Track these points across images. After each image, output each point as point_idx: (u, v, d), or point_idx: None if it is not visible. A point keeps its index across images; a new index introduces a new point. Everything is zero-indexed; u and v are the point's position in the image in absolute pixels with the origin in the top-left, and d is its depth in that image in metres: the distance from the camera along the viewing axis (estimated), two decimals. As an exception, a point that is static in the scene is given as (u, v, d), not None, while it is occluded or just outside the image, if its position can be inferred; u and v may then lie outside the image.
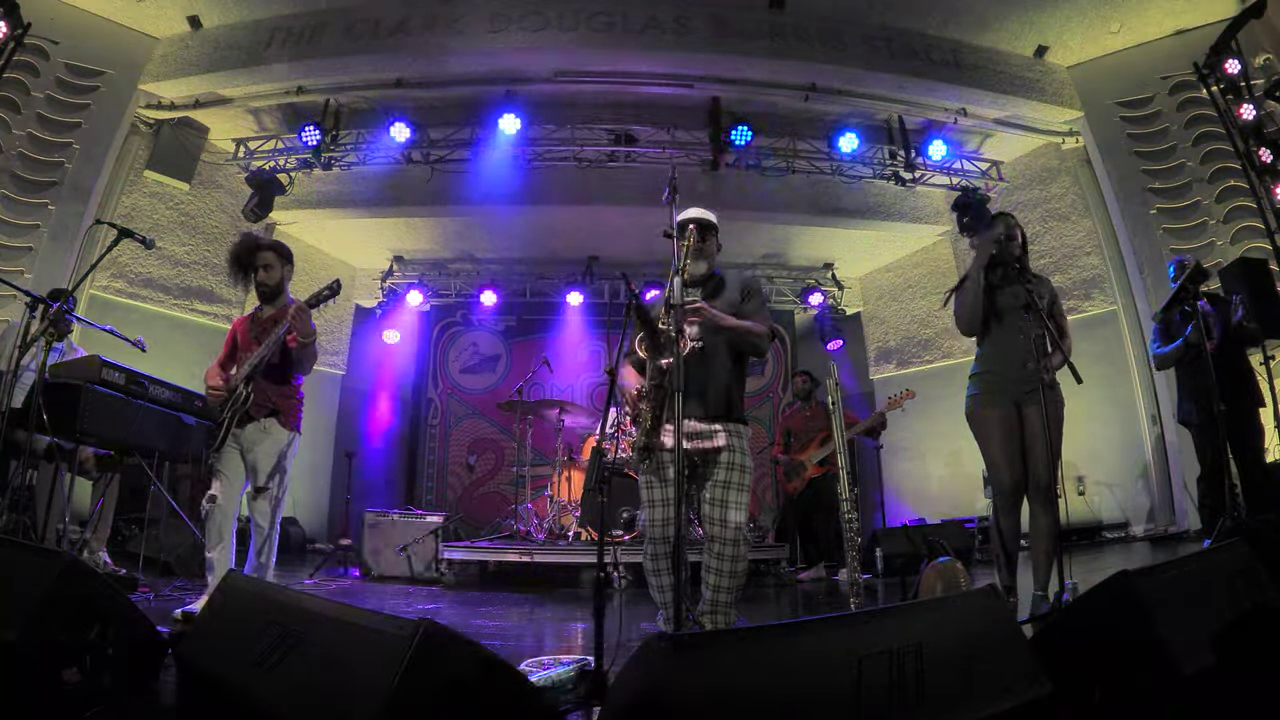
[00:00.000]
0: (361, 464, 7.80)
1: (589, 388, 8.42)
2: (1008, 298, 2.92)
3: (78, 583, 1.71)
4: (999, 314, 2.94)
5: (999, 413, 2.87)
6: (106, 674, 1.66)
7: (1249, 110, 5.01)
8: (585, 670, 1.96)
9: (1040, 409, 2.71)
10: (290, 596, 1.65)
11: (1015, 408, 2.85)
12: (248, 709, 1.41)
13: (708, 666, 1.19)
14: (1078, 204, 6.67)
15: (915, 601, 2.51)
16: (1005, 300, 2.93)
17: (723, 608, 2.46)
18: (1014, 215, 3.13)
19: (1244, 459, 4.00)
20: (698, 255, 2.62)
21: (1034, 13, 5.99)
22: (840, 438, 3.35)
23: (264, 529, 3.06)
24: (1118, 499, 6.19)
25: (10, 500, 3.32)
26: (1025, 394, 2.82)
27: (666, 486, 2.51)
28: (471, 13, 5.97)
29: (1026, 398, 2.82)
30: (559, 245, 7.88)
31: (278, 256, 3.27)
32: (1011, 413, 2.85)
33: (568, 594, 4.77)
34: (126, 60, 5.95)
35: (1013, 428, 2.84)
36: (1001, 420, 2.86)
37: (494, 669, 1.34)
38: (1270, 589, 1.84)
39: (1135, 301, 6.13)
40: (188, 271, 6.61)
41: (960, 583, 2.85)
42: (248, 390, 3.04)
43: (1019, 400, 2.84)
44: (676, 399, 2.04)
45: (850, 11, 6.11)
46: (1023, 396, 2.83)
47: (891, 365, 8.16)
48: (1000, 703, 1.37)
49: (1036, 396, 2.74)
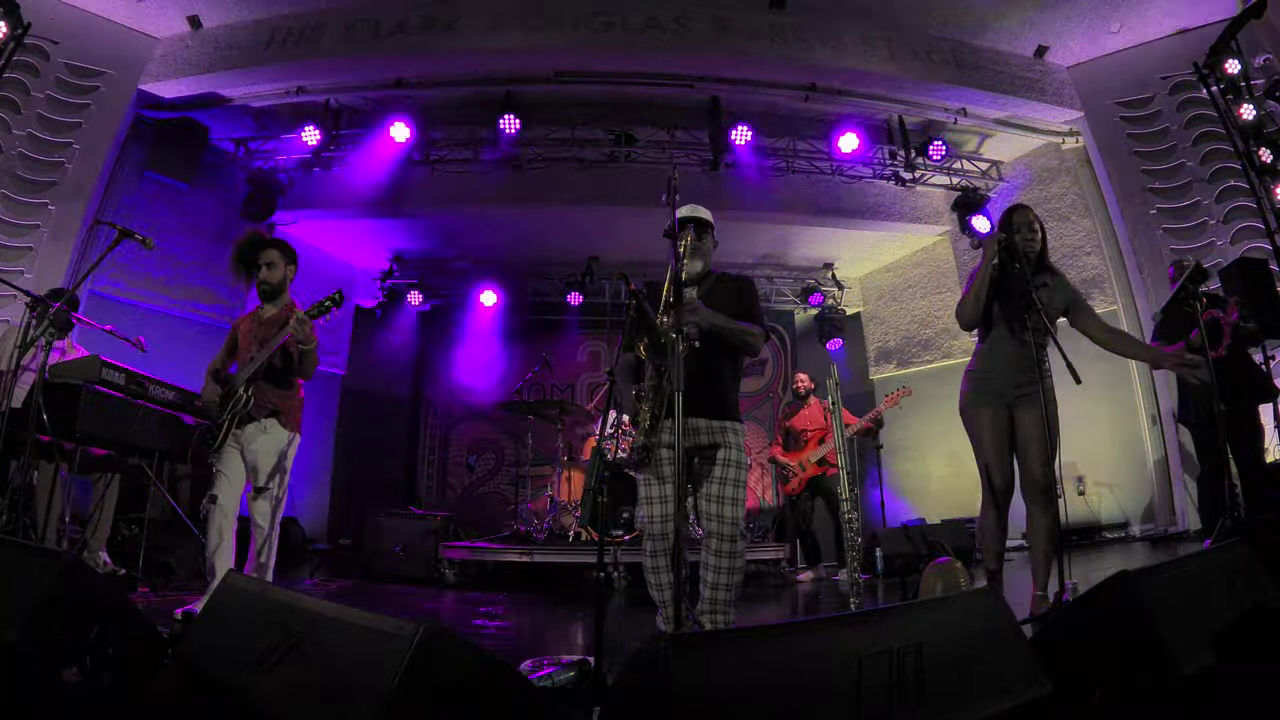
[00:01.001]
0: (361, 464, 7.80)
1: (589, 388, 8.42)
2: (1012, 296, 2.82)
3: (78, 583, 1.71)
4: (1001, 312, 2.86)
5: (990, 412, 2.84)
6: (106, 674, 1.66)
7: (1249, 110, 5.01)
8: (585, 670, 1.96)
9: (1039, 411, 2.67)
10: (290, 596, 1.65)
11: (1007, 409, 2.82)
12: (248, 709, 1.41)
13: (708, 666, 1.19)
14: (1078, 204, 6.67)
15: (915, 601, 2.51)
16: (1009, 298, 2.83)
17: (722, 606, 2.46)
18: (1032, 209, 2.97)
19: (1244, 459, 4.00)
20: (694, 254, 2.63)
21: (1034, 13, 5.98)
22: (840, 437, 3.35)
23: (264, 529, 3.06)
24: (1118, 499, 6.19)
25: (10, 500, 3.32)
26: (1019, 396, 2.79)
27: (664, 485, 2.51)
28: (471, 13, 5.97)
29: (1020, 400, 2.78)
30: (559, 245, 7.88)
31: (281, 255, 3.27)
32: (1003, 413, 2.82)
33: (568, 594, 4.77)
34: (126, 60, 5.95)
35: (1003, 428, 2.82)
36: (992, 420, 2.83)
37: (494, 669, 1.34)
38: (1270, 589, 1.84)
39: (1135, 301, 6.13)
40: (188, 271, 6.61)
41: (960, 583, 2.85)
42: (248, 393, 3.04)
43: (1012, 402, 2.81)
44: (677, 399, 2.04)
45: (850, 11, 6.11)
46: (1016, 399, 2.80)
47: (891, 365, 8.17)
48: (1000, 703, 1.37)
49: (1033, 399, 2.71)
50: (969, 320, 2.91)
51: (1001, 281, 2.83)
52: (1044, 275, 2.91)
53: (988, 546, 2.90)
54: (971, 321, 2.91)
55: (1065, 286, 2.93)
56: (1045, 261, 2.94)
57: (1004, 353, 2.84)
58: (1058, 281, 2.93)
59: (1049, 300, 2.85)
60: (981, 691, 1.38)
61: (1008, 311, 2.84)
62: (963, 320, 2.94)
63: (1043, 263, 2.92)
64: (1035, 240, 2.86)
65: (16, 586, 1.66)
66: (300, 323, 2.96)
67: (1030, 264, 2.82)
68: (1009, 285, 2.81)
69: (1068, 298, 2.90)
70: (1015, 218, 2.88)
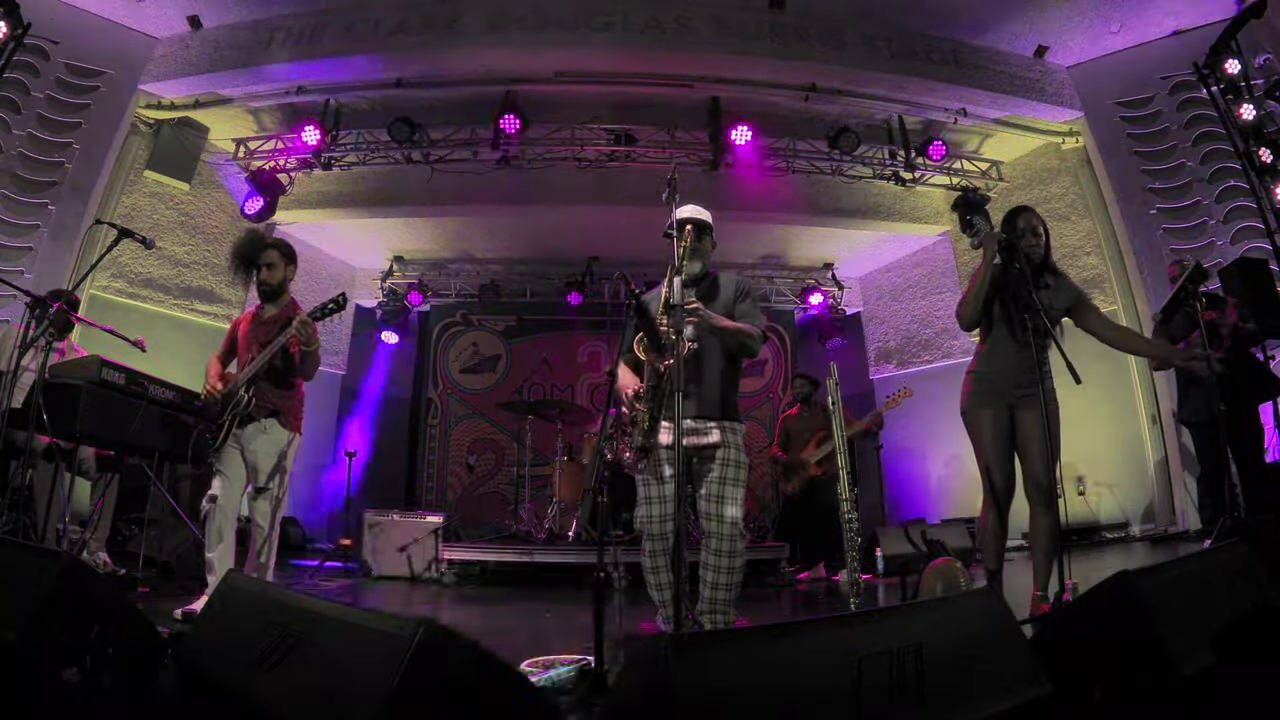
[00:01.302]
0: (361, 464, 7.80)
1: (589, 388, 8.42)
2: (1013, 297, 2.80)
3: (78, 583, 1.70)
4: (1002, 313, 2.85)
5: (990, 413, 2.83)
6: (106, 674, 1.65)
7: (1249, 110, 5.02)
8: (585, 670, 1.96)
9: (1039, 412, 2.66)
10: (290, 596, 1.65)
11: (1008, 410, 2.81)
12: (248, 709, 1.40)
13: (708, 666, 1.19)
14: (1078, 204, 6.67)
15: (915, 601, 2.51)
16: (1009, 299, 2.81)
17: (722, 606, 2.46)
18: (1035, 210, 2.95)
19: (1244, 459, 4.01)
20: (693, 254, 2.64)
21: (1034, 13, 5.98)
22: (840, 438, 3.35)
23: (264, 529, 3.06)
24: (1118, 499, 6.19)
25: (10, 500, 3.32)
26: (1020, 397, 2.77)
27: (664, 484, 2.52)
28: (471, 13, 5.97)
29: (1021, 401, 2.77)
30: (559, 245, 7.88)
31: (281, 255, 3.27)
32: (1003, 414, 2.81)
33: (568, 594, 4.76)
34: (126, 60, 5.95)
35: (1004, 429, 2.81)
36: (993, 420, 2.82)
37: (494, 669, 1.34)
38: (1270, 589, 1.84)
39: (1135, 301, 6.13)
40: (188, 271, 6.61)
41: (960, 583, 2.85)
42: (249, 394, 3.04)
43: (1013, 403, 2.80)
44: (677, 398, 2.04)
45: (850, 11, 6.11)
46: (1017, 400, 2.79)
47: (891, 365, 8.17)
48: (1000, 703, 1.37)
49: (1033, 400, 2.69)
50: (969, 320, 2.89)
51: (1002, 281, 2.81)
52: (1047, 276, 2.89)
53: (988, 546, 2.89)
54: (971, 321, 2.89)
55: (1069, 288, 2.91)
56: (1049, 263, 2.92)
57: (1004, 353, 2.83)
58: (1061, 283, 2.91)
59: (1051, 301, 2.83)
60: (981, 691, 1.38)
61: (1008, 312, 2.81)
62: (963, 320, 2.92)
63: (1046, 264, 2.90)
64: (1039, 244, 2.85)
65: (16, 586, 1.66)
66: (304, 324, 2.96)
67: (1032, 265, 2.79)
68: (1010, 286, 2.79)
69: (1071, 298, 2.88)
70: (1020, 221, 2.86)
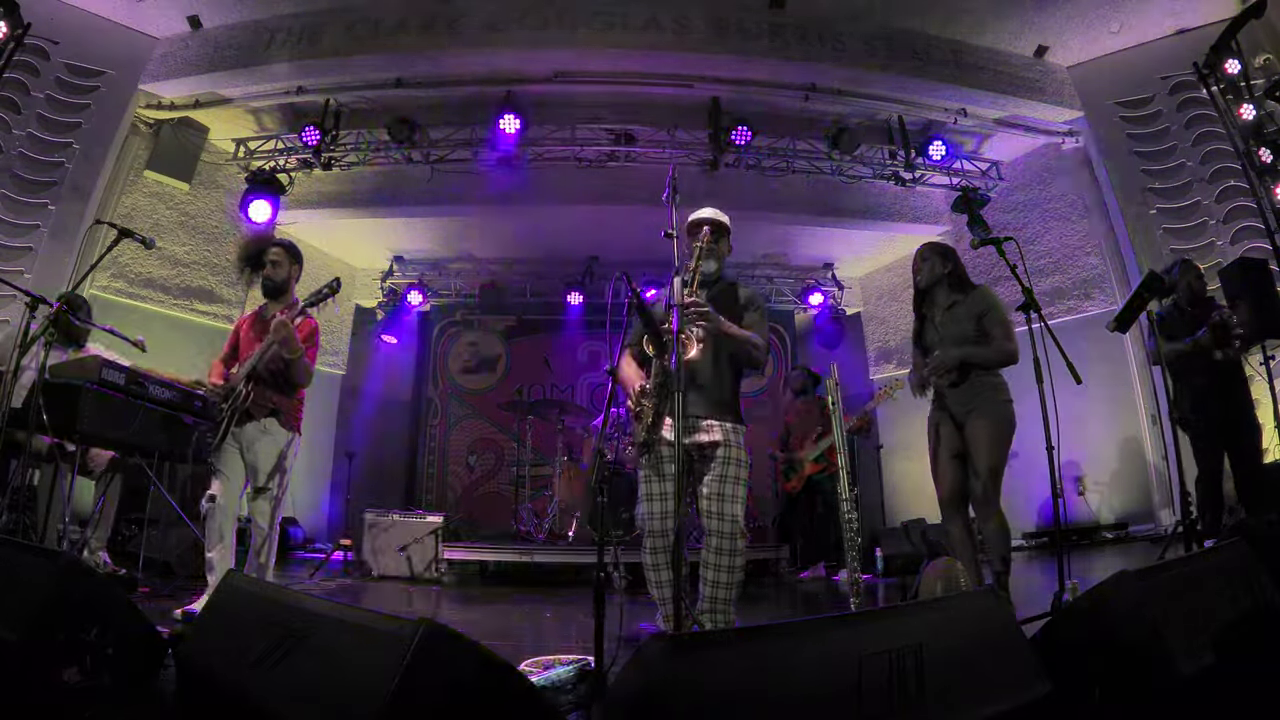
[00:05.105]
0: (361, 464, 7.79)
1: (589, 388, 8.42)
2: (931, 329, 3.18)
3: (78, 583, 1.71)
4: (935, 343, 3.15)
5: (942, 429, 3.06)
6: (106, 674, 1.66)
7: (1249, 110, 5.01)
8: (585, 670, 1.96)
9: (985, 423, 2.89)
10: (290, 596, 1.65)
11: (957, 425, 3.01)
12: (248, 709, 1.40)
13: (708, 666, 1.19)
14: (1078, 204, 6.67)
15: (915, 601, 2.51)
16: (930, 332, 3.20)
17: (722, 605, 2.46)
18: (928, 246, 3.26)
19: (1241, 459, 4.00)
20: (709, 255, 2.67)
21: (1034, 13, 5.98)
22: (840, 437, 3.36)
23: (264, 529, 3.06)
24: (1118, 499, 6.19)
25: (10, 500, 3.31)
26: (967, 413, 2.98)
27: (665, 482, 2.52)
28: (471, 13, 5.96)
29: (968, 415, 2.98)
30: (559, 245, 7.88)
31: (287, 254, 3.28)
32: (951, 427, 3.03)
33: (568, 594, 4.76)
34: (126, 60, 5.94)
35: (951, 441, 3.02)
36: (939, 434, 3.06)
37: (494, 669, 1.34)
38: (1270, 589, 1.84)
39: (1135, 302, 6.13)
40: (188, 271, 6.61)
41: (960, 583, 2.85)
42: (247, 389, 3.04)
43: (962, 420, 3.00)
44: (677, 398, 2.04)
45: (850, 11, 6.11)
46: (964, 415, 2.99)
47: (891, 365, 8.17)
48: (1000, 703, 1.37)
49: (979, 412, 2.92)
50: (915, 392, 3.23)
51: (922, 331, 3.25)
52: (954, 295, 3.13)
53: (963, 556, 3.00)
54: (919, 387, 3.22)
55: (980, 299, 3.08)
56: (957, 280, 3.15)
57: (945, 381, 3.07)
58: (973, 296, 3.10)
59: (959, 319, 3.06)
60: (981, 691, 1.38)
61: (933, 342, 3.17)
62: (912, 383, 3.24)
63: (954, 283, 3.14)
64: (921, 274, 3.19)
65: (16, 586, 1.66)
66: (280, 325, 2.94)
67: (923, 296, 3.23)
68: (926, 333, 3.23)
69: (980, 309, 3.05)
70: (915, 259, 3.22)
